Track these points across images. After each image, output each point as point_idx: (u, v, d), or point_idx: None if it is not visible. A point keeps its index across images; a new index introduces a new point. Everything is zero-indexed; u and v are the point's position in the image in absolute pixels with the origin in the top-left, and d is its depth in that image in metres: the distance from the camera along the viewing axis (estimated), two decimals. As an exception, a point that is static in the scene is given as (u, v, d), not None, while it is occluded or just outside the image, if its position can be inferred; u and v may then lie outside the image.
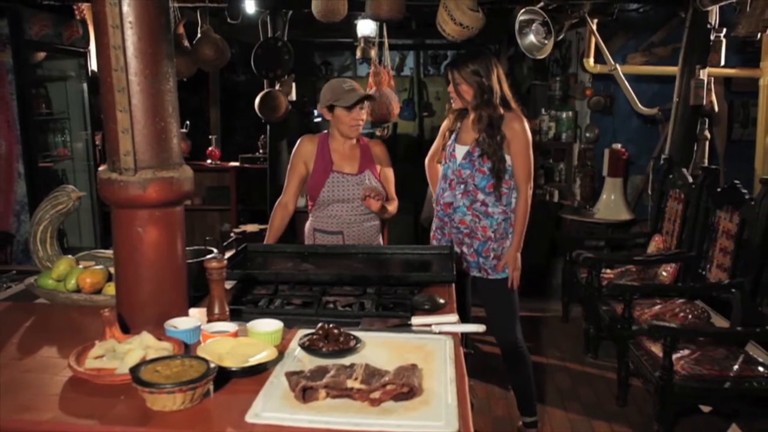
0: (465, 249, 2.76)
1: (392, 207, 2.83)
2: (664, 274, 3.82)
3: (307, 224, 2.86)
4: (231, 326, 1.55)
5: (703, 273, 3.53)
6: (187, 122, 5.65)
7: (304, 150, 2.80)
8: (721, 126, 5.39)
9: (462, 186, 2.71)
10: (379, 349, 1.51)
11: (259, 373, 1.36)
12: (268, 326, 1.55)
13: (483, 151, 2.64)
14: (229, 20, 4.65)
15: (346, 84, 2.73)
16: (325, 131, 2.86)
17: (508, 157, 2.66)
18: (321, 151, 2.78)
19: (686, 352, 2.85)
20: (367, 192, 2.62)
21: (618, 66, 5.12)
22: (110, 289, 1.85)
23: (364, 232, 2.79)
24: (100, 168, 1.63)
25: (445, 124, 2.89)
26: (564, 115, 5.97)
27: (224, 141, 6.77)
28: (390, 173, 2.90)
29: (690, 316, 3.23)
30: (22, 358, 1.50)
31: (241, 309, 1.82)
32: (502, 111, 2.64)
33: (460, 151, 2.72)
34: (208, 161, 5.88)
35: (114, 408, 1.25)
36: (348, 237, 2.76)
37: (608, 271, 4.06)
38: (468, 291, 2.89)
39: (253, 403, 1.23)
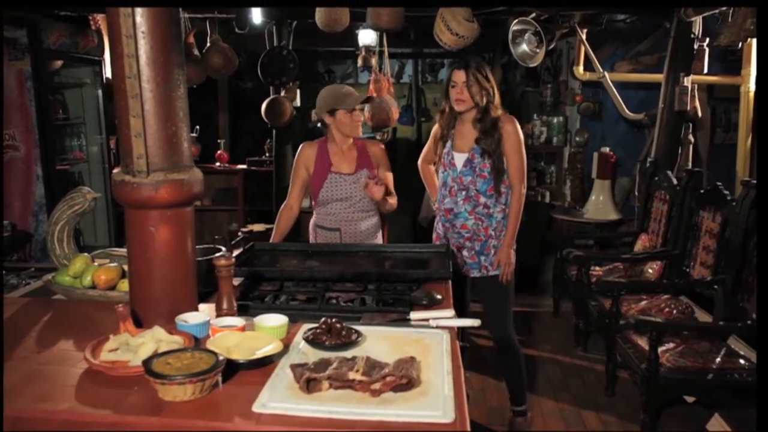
0: (466, 252, 2.74)
1: (393, 200, 2.85)
2: (650, 271, 3.81)
3: (311, 221, 2.89)
4: (238, 321, 1.55)
5: (687, 270, 3.52)
6: (197, 127, 5.65)
7: (305, 155, 2.84)
8: (705, 130, 5.39)
9: (463, 192, 2.69)
10: (379, 342, 1.51)
11: (265, 365, 1.36)
12: (274, 321, 1.55)
13: (483, 151, 2.63)
14: (236, 30, 4.66)
15: (344, 89, 2.77)
16: (324, 137, 2.87)
17: (505, 159, 2.65)
18: (320, 155, 2.81)
19: (671, 345, 2.85)
20: (368, 180, 2.67)
21: (606, 73, 5.13)
22: (124, 285, 1.85)
23: (362, 230, 2.79)
24: (114, 170, 1.62)
25: (436, 128, 2.85)
26: (555, 120, 5.97)
27: (232, 145, 6.77)
28: (388, 172, 2.90)
29: (675, 312, 3.23)
30: (40, 351, 1.50)
31: (248, 304, 1.82)
32: (497, 116, 2.64)
33: (459, 158, 2.70)
34: (217, 164, 5.88)
35: (127, 398, 1.25)
36: (345, 234, 2.77)
37: (597, 268, 4.06)
38: (468, 291, 2.88)
39: (259, 393, 1.23)
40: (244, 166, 5.86)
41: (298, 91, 5.28)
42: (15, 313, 1.79)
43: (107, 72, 4.98)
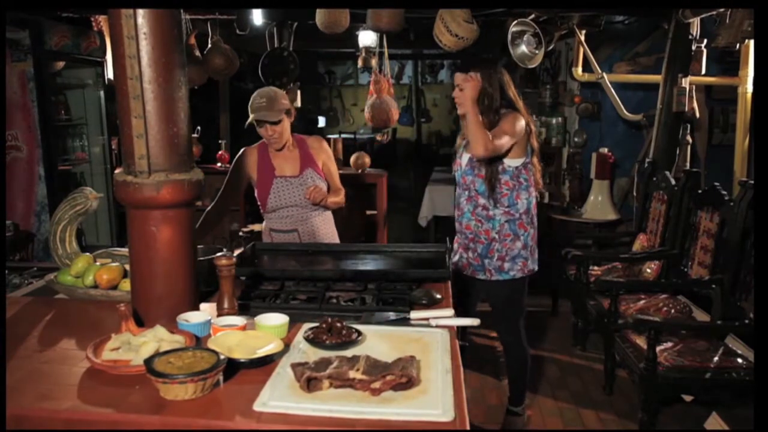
0: (470, 254, 2.69)
1: (338, 198, 2.75)
2: (649, 270, 3.81)
3: (264, 225, 2.82)
4: (239, 320, 1.55)
5: (685, 270, 3.52)
6: (198, 128, 5.64)
7: (246, 161, 2.73)
8: (702, 131, 5.39)
9: (466, 192, 2.66)
10: (379, 341, 1.51)
11: (266, 364, 1.36)
12: (275, 320, 1.55)
13: (478, 159, 2.54)
14: (237, 31, 4.66)
15: (261, 99, 2.54)
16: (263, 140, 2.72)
17: (506, 160, 2.56)
18: (262, 159, 2.70)
19: (669, 344, 2.84)
20: (308, 195, 2.58)
21: (605, 74, 5.13)
22: (126, 285, 1.85)
23: (318, 226, 2.74)
24: (116, 171, 1.63)
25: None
26: (554, 121, 5.97)
27: (233, 145, 6.75)
28: (332, 166, 2.79)
29: (673, 311, 3.23)
30: (43, 350, 1.50)
31: (249, 304, 1.82)
32: (500, 115, 2.53)
33: (465, 158, 2.66)
34: (218, 164, 5.86)
35: (129, 397, 1.25)
36: (303, 233, 2.72)
37: (595, 268, 4.06)
38: (474, 293, 2.81)
39: (260, 392, 1.23)
40: (245, 167, 5.85)
41: (298, 92, 5.27)
42: (17, 312, 1.79)
43: (109, 73, 4.98)
